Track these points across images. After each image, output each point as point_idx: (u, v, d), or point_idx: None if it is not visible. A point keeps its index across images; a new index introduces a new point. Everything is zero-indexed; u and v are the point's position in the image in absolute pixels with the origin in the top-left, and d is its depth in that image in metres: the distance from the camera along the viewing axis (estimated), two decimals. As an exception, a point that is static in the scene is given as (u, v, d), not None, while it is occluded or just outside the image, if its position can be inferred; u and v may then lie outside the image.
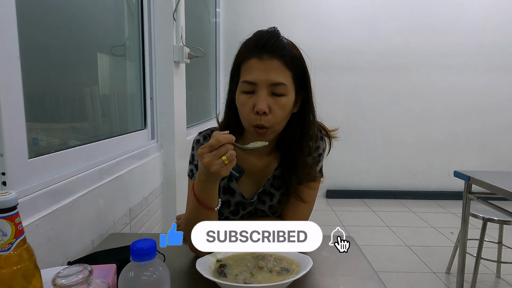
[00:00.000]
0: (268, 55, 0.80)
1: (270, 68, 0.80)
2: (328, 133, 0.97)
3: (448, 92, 4.12)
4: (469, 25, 4.00)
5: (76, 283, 0.48)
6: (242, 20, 4.00)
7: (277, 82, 0.80)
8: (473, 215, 2.14)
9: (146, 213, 1.53)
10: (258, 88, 0.81)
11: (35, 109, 0.93)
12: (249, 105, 0.82)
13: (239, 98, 0.84)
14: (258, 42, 0.81)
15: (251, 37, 0.85)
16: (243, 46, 0.85)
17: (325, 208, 3.88)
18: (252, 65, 0.81)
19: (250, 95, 0.82)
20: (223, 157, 0.70)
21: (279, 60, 0.81)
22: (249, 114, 0.83)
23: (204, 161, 0.71)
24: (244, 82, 0.82)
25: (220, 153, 0.71)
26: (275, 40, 0.81)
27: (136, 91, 1.68)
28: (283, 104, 0.82)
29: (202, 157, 0.72)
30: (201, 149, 0.72)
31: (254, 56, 0.81)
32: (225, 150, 0.71)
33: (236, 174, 0.95)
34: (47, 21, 0.98)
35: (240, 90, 0.84)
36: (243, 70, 0.83)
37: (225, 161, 0.71)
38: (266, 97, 0.81)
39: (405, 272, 2.44)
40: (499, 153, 4.21)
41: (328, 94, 4.06)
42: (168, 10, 1.72)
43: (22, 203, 0.75)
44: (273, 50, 0.80)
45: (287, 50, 0.82)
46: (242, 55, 0.84)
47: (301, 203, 0.96)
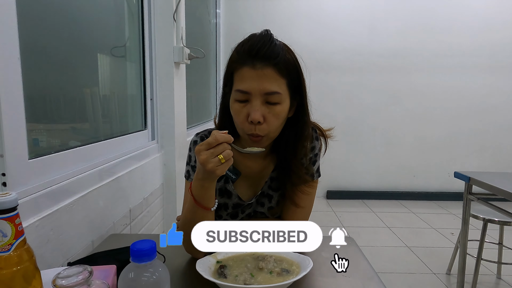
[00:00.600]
0: (261, 63, 0.78)
1: (263, 76, 0.78)
2: (323, 133, 0.96)
3: (448, 93, 4.12)
4: (469, 25, 4.00)
5: (76, 284, 0.48)
6: (242, 21, 4.00)
7: (271, 91, 0.79)
8: (474, 216, 2.14)
9: (146, 214, 1.53)
10: (252, 97, 0.80)
11: (35, 110, 0.93)
12: (243, 114, 0.81)
13: (233, 107, 0.83)
14: (250, 50, 0.79)
15: (243, 44, 0.82)
16: (235, 53, 0.83)
17: (325, 209, 3.87)
18: (245, 73, 0.79)
19: (244, 104, 0.81)
20: (220, 156, 0.71)
21: (272, 68, 0.78)
22: (243, 124, 0.82)
23: (201, 158, 0.71)
24: (238, 91, 0.81)
25: (217, 151, 0.71)
26: (268, 47, 0.79)
27: (136, 91, 1.68)
28: (277, 113, 0.81)
29: (199, 154, 0.72)
30: (199, 146, 0.72)
31: (246, 65, 0.79)
32: (222, 149, 0.71)
33: (232, 176, 0.95)
34: (47, 22, 0.99)
35: (234, 99, 0.82)
36: (236, 78, 0.82)
37: (221, 159, 0.71)
38: (260, 107, 0.79)
39: (405, 273, 2.44)
40: (499, 154, 4.21)
41: (328, 95, 4.07)
42: (168, 11, 1.72)
43: (22, 204, 0.75)
44: (266, 58, 0.78)
45: (280, 57, 0.79)
46: (235, 62, 0.82)
47: (298, 209, 0.95)
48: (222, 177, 0.96)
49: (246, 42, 0.82)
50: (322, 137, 0.97)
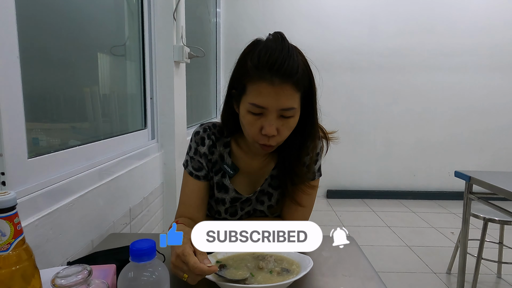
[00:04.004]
0: (280, 80, 0.75)
1: (281, 93, 0.76)
2: (326, 135, 0.96)
3: (448, 93, 4.12)
4: (469, 25, 3.99)
5: (75, 284, 0.48)
6: (242, 20, 4.00)
7: (287, 108, 0.78)
8: (474, 215, 2.13)
9: (146, 213, 1.53)
10: (267, 112, 0.78)
11: (35, 109, 0.93)
12: (257, 126, 0.81)
13: (246, 117, 0.81)
14: (271, 65, 0.75)
15: (260, 55, 0.77)
16: (251, 63, 0.77)
17: (325, 208, 3.87)
18: (262, 89, 0.76)
19: (258, 117, 0.80)
20: (185, 275, 0.68)
21: (291, 85, 0.76)
22: (256, 135, 0.82)
23: (173, 261, 0.69)
24: (253, 105, 0.78)
25: (185, 272, 0.68)
26: (288, 63, 0.75)
27: (136, 91, 1.68)
28: (291, 126, 0.82)
29: (173, 255, 0.70)
30: (180, 254, 0.68)
31: (264, 80, 0.75)
32: (191, 275, 0.67)
33: (230, 171, 0.95)
34: (47, 21, 0.98)
35: (247, 110, 0.80)
36: (251, 90, 0.78)
37: (185, 277, 0.68)
38: (276, 121, 0.79)
39: (405, 272, 2.44)
40: (499, 153, 4.20)
41: (329, 95, 4.06)
42: (169, 10, 1.72)
43: (21, 203, 0.75)
44: (286, 75, 0.75)
45: (299, 73, 0.77)
46: (250, 74, 0.77)
47: (299, 207, 0.95)
48: (220, 172, 0.96)
49: (263, 54, 0.76)
50: (324, 139, 0.97)
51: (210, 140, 0.96)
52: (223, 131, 0.98)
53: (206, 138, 0.96)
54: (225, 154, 0.97)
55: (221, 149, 0.97)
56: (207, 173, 0.96)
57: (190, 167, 0.96)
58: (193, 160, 0.96)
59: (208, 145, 0.96)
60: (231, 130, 0.96)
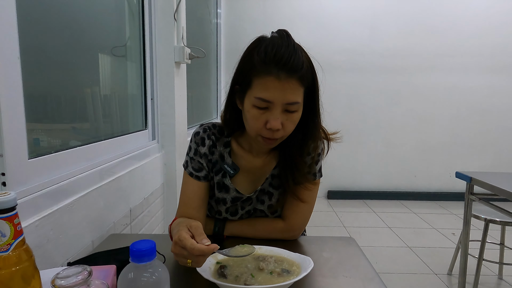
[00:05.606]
0: (286, 75, 0.77)
1: (287, 88, 0.78)
2: (327, 136, 0.97)
3: (449, 93, 4.11)
4: (470, 26, 3.99)
5: (75, 284, 0.47)
6: (243, 21, 4.00)
7: (292, 102, 0.80)
8: (475, 216, 2.13)
9: (146, 214, 1.53)
10: (273, 106, 0.80)
11: (36, 110, 0.93)
12: (262, 121, 0.82)
13: (251, 112, 0.82)
14: (277, 60, 0.77)
15: (266, 50, 0.79)
16: (258, 58, 0.79)
17: (326, 209, 3.87)
18: (269, 83, 0.78)
19: (263, 111, 0.81)
20: (189, 260, 0.68)
21: (296, 79, 0.79)
22: (260, 129, 0.83)
23: (172, 250, 0.70)
24: (259, 99, 0.80)
25: (186, 257, 0.68)
26: (294, 58, 0.78)
27: (137, 91, 1.68)
28: (295, 120, 0.84)
29: (173, 244, 0.70)
30: (177, 240, 0.68)
31: (271, 74, 0.77)
32: (193, 257, 0.67)
33: (230, 171, 0.95)
34: (47, 21, 0.98)
35: (252, 104, 0.81)
36: (258, 84, 0.80)
37: (189, 263, 0.68)
38: (280, 115, 0.81)
39: (406, 273, 2.44)
40: (501, 154, 4.20)
41: (329, 95, 4.02)
42: (169, 10, 1.72)
43: (22, 204, 0.75)
44: (292, 70, 0.77)
45: (304, 68, 0.79)
46: (257, 67, 0.79)
47: (301, 204, 0.96)
48: (221, 172, 0.96)
49: (270, 49, 0.78)
50: (325, 140, 0.97)
51: (210, 140, 0.96)
52: (223, 131, 0.98)
53: (206, 139, 0.96)
54: (225, 154, 0.97)
55: (221, 149, 0.97)
56: (207, 174, 0.97)
57: (190, 168, 0.96)
58: (193, 160, 0.96)
59: (208, 145, 0.96)
60: (232, 128, 0.96)
